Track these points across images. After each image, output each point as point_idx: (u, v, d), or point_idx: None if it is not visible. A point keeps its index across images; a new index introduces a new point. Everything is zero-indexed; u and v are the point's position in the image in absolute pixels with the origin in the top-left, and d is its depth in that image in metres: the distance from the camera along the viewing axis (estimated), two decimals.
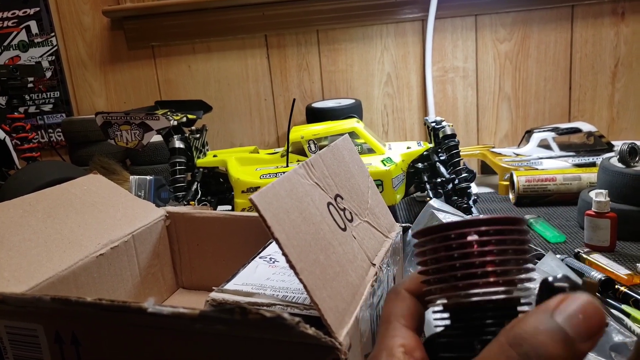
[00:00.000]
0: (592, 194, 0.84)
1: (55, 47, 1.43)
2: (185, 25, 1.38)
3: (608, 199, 0.75)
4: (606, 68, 1.30)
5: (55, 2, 1.41)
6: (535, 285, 0.26)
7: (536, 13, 1.28)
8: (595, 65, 1.30)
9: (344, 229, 0.46)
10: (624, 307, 0.56)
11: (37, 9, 1.40)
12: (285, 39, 1.37)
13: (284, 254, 0.35)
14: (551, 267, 0.61)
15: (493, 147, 1.23)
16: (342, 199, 0.50)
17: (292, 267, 0.35)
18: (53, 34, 1.42)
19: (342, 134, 0.91)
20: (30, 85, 1.45)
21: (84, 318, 0.40)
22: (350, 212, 0.50)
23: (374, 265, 0.47)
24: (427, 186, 0.89)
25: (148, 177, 1.01)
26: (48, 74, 1.44)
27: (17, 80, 1.23)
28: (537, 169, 1.06)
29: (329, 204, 0.46)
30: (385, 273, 0.48)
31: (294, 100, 0.88)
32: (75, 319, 0.40)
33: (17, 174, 0.94)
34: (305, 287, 0.35)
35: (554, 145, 1.13)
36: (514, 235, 0.27)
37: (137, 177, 1.01)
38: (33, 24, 1.41)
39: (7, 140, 1.14)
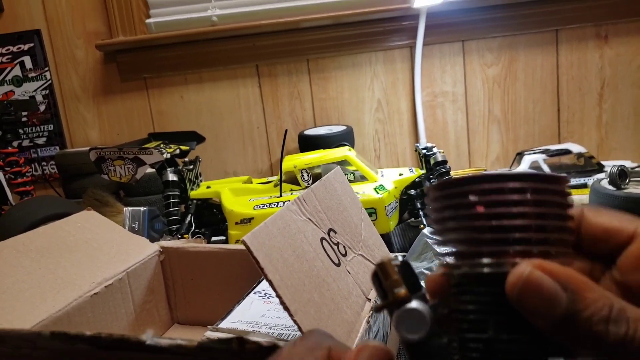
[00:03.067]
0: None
1: (49, 81, 1.44)
2: (177, 57, 1.39)
3: None
4: (593, 90, 1.32)
5: (49, 38, 1.42)
6: None
7: (521, 37, 1.31)
8: (582, 88, 1.32)
9: (338, 264, 0.46)
10: None
11: (32, 44, 1.42)
12: (276, 68, 1.39)
13: (278, 296, 0.35)
14: None
15: (485, 170, 1.25)
16: (336, 232, 0.50)
17: (286, 308, 0.35)
18: (47, 68, 1.43)
19: (334, 163, 0.91)
20: (24, 119, 1.45)
21: (80, 357, 0.40)
22: (344, 246, 0.50)
23: (369, 300, 0.47)
24: (421, 213, 0.90)
25: (142, 209, 1.01)
26: (42, 108, 1.45)
27: (11, 115, 1.24)
28: None
29: (322, 239, 0.47)
30: None
31: (286, 131, 0.89)
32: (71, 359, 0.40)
33: (11, 210, 0.94)
34: (300, 328, 0.35)
35: (545, 167, 1.14)
36: (555, 196, 0.24)
37: (131, 208, 1.01)
38: (27, 59, 1.43)
39: (1, 176, 1.14)
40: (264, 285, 0.56)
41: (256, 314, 0.48)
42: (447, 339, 0.24)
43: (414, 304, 0.24)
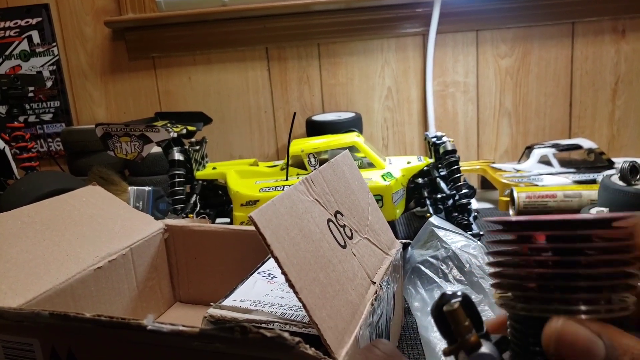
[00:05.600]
0: (593, 211, 0.84)
1: (57, 57, 1.43)
2: (186, 36, 1.38)
3: None
4: (606, 85, 1.30)
5: (58, 13, 1.41)
6: None
7: (537, 29, 1.29)
8: (595, 82, 1.30)
9: (344, 246, 0.45)
10: None
11: (40, 19, 1.41)
12: (286, 51, 1.37)
13: (284, 273, 0.35)
14: None
15: (493, 163, 1.23)
16: (342, 215, 0.50)
17: (291, 286, 0.35)
18: (54, 43, 1.42)
19: (342, 148, 0.90)
20: (30, 94, 1.45)
21: (80, 333, 0.39)
22: (350, 229, 0.49)
23: (374, 283, 0.46)
24: (428, 202, 0.89)
25: (146, 188, 1.01)
26: (49, 84, 1.45)
27: (18, 89, 1.23)
28: (537, 185, 1.06)
29: (329, 220, 0.46)
30: (385, 291, 0.48)
31: (295, 114, 0.88)
32: (71, 335, 0.40)
33: (16, 184, 0.94)
34: (304, 306, 0.34)
35: (554, 161, 1.13)
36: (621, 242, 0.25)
37: (136, 188, 1.01)
38: (35, 34, 1.42)
39: (7, 150, 1.14)
40: (268, 265, 0.55)
41: (259, 294, 0.47)
42: None
43: (485, 348, 0.25)
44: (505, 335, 0.28)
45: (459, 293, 0.27)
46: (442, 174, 0.91)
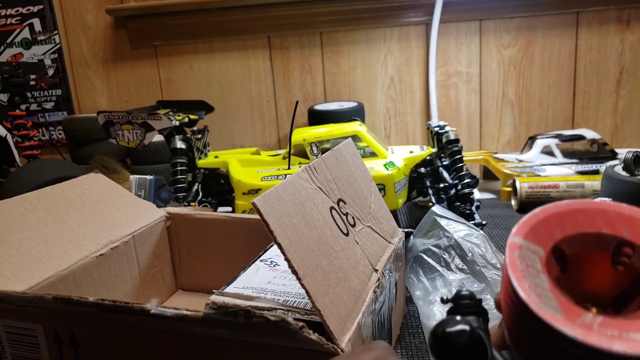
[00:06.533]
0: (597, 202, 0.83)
1: (58, 45, 1.43)
2: (188, 25, 1.37)
3: None
4: (610, 75, 1.29)
5: (59, 0, 1.40)
6: None
7: (541, 19, 1.28)
8: (599, 73, 1.30)
9: (347, 234, 0.45)
10: None
11: (41, 6, 1.40)
12: (288, 40, 1.36)
13: (287, 259, 0.35)
14: None
15: (496, 153, 1.23)
16: (345, 203, 0.49)
17: (294, 272, 0.35)
18: (56, 31, 1.42)
19: (344, 137, 0.90)
20: (32, 82, 1.44)
21: (83, 319, 0.39)
22: (353, 217, 0.49)
23: (377, 271, 0.46)
24: (430, 191, 0.89)
25: (148, 177, 1.01)
26: (50, 72, 1.44)
27: (19, 77, 1.23)
28: (539, 176, 1.06)
29: (331, 208, 0.46)
30: (387, 279, 0.48)
31: (297, 102, 0.88)
32: (74, 320, 0.40)
33: (18, 172, 0.94)
34: (307, 292, 0.34)
35: (557, 152, 1.12)
36: None
37: (138, 176, 1.01)
38: (36, 22, 1.41)
39: (9, 137, 1.13)
40: (270, 253, 0.55)
41: (262, 281, 0.47)
42: None
43: None
44: None
45: (467, 330, 0.26)
46: (444, 163, 0.91)
